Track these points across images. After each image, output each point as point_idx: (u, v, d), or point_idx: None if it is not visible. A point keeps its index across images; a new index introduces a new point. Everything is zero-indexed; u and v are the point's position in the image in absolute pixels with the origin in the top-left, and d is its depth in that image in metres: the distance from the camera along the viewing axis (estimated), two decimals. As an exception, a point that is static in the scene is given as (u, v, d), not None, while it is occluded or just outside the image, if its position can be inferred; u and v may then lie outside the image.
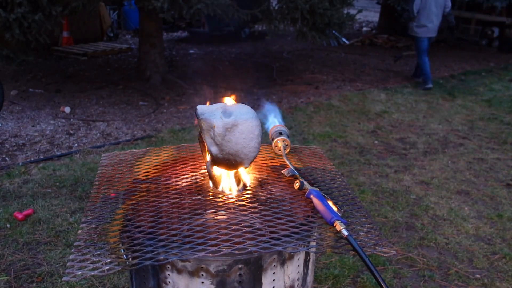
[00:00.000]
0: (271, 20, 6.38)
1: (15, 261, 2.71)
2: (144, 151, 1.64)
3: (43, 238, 2.92)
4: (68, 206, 3.30)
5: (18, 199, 3.39)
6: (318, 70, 8.08)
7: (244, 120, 1.08)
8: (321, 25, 6.26)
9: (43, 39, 5.35)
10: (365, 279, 2.62)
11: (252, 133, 1.08)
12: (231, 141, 1.07)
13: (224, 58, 8.87)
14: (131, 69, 7.40)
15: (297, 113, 5.65)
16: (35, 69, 7.33)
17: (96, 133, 4.92)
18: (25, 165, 3.99)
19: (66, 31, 8.68)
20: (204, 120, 1.09)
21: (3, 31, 5.06)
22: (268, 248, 1.05)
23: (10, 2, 4.98)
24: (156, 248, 1.05)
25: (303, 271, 1.21)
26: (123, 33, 10.90)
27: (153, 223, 1.17)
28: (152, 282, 1.13)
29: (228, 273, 1.07)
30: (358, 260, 2.75)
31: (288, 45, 10.24)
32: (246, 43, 10.39)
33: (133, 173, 1.46)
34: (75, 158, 4.17)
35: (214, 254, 1.04)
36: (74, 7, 5.48)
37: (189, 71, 7.65)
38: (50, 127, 5.04)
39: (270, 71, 7.84)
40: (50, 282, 2.54)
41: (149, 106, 5.83)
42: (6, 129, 4.93)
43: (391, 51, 9.91)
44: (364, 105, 6.14)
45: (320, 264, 2.74)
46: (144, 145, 4.51)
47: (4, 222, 3.08)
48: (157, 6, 5.22)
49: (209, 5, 5.32)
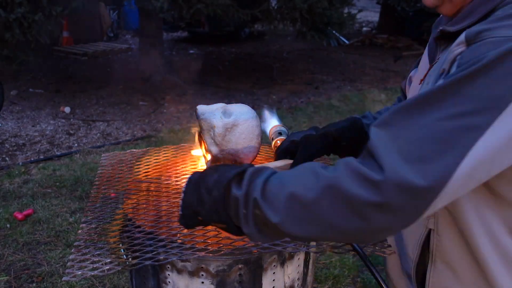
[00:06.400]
0: (271, 20, 6.38)
1: (15, 261, 2.71)
2: (144, 151, 1.64)
3: (43, 238, 2.92)
4: (68, 206, 3.30)
5: (18, 199, 3.39)
6: (318, 70, 8.08)
7: (244, 120, 1.08)
8: (320, 25, 6.26)
9: (43, 39, 5.36)
10: (365, 279, 2.62)
11: (252, 133, 1.08)
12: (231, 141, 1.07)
13: (224, 58, 8.87)
14: (131, 69, 7.40)
15: (297, 113, 5.65)
16: (35, 69, 7.33)
17: (96, 133, 4.92)
18: (25, 165, 3.99)
19: (66, 31, 8.68)
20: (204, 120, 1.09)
21: (3, 31, 5.06)
22: (268, 248, 1.05)
23: (10, 2, 4.98)
24: (156, 248, 1.05)
25: (303, 271, 1.21)
26: (123, 33, 10.89)
27: (153, 223, 1.17)
28: (152, 282, 1.13)
29: (228, 273, 1.07)
30: (358, 260, 2.75)
31: (288, 45, 10.23)
32: (246, 43, 10.38)
33: (133, 173, 1.46)
34: (75, 158, 4.17)
35: (214, 254, 1.04)
36: (74, 7, 5.48)
37: (189, 71, 7.65)
38: (50, 127, 5.04)
39: (270, 71, 7.84)
40: (50, 282, 2.54)
41: (149, 106, 5.83)
42: (6, 129, 4.93)
43: (391, 51, 9.91)
44: (364, 105, 6.14)
45: (320, 264, 2.74)
46: (144, 145, 4.51)
47: (4, 222, 3.08)
48: (157, 6, 5.22)
49: (209, 5, 5.32)
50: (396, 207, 0.70)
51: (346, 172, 0.73)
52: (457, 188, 0.71)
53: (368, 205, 0.70)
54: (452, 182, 0.69)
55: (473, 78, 0.71)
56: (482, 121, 0.69)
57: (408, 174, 0.68)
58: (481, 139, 0.69)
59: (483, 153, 0.70)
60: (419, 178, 0.68)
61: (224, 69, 7.95)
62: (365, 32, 11.85)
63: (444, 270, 0.95)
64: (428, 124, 0.71)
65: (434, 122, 0.71)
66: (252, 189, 0.80)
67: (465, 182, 0.71)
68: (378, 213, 0.70)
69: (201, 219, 0.88)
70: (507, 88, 0.70)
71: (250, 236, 0.83)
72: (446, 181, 0.69)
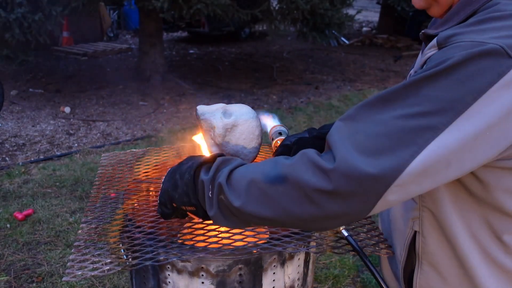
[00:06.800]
0: (272, 20, 6.38)
1: (15, 261, 2.71)
2: (144, 151, 1.64)
3: (43, 238, 2.92)
4: (68, 206, 3.30)
5: (18, 199, 3.39)
6: (318, 70, 8.08)
7: (244, 120, 1.08)
8: (321, 25, 6.27)
9: (43, 39, 5.36)
10: (365, 279, 2.62)
11: (252, 133, 1.08)
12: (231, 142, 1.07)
13: (224, 58, 8.87)
14: (131, 69, 7.40)
15: (297, 113, 5.65)
16: (35, 69, 7.33)
17: (96, 133, 4.92)
18: (25, 165, 3.99)
19: (66, 31, 8.68)
20: (204, 120, 1.09)
21: (3, 31, 5.06)
22: (268, 248, 1.05)
23: (10, 2, 4.98)
24: (156, 248, 1.05)
25: (303, 271, 1.21)
26: (123, 33, 10.89)
27: (153, 223, 1.17)
28: (152, 282, 1.13)
29: (228, 273, 1.07)
30: (358, 260, 2.75)
31: (288, 45, 10.23)
32: (246, 43, 10.39)
33: (133, 173, 1.46)
34: (75, 158, 4.17)
35: (214, 254, 1.04)
36: (74, 7, 5.49)
37: (189, 71, 7.65)
38: (50, 127, 5.04)
39: (270, 71, 7.84)
40: (50, 282, 2.54)
41: (149, 106, 5.83)
42: (6, 129, 4.93)
43: (391, 51, 9.91)
44: (364, 105, 6.13)
45: (320, 264, 2.74)
46: (144, 145, 4.51)
47: (4, 222, 3.08)
48: (157, 6, 5.22)
49: (209, 5, 5.32)
50: (345, 194, 0.72)
51: (301, 161, 0.77)
52: (409, 184, 0.72)
53: (318, 192, 0.74)
54: (403, 176, 0.71)
55: (434, 79, 0.72)
56: (438, 122, 0.71)
57: (358, 163, 0.71)
58: (436, 140, 0.71)
59: (437, 153, 0.71)
60: (369, 167, 0.70)
61: (224, 69, 7.95)
62: (365, 32, 11.86)
63: (430, 272, 0.96)
64: (386, 120, 0.73)
65: (392, 120, 0.73)
66: (218, 175, 0.86)
67: (417, 179, 0.73)
68: (329, 200, 0.74)
69: (175, 205, 0.95)
70: (467, 92, 0.70)
71: (214, 219, 0.88)
72: (397, 174, 0.71)
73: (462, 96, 0.70)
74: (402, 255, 1.02)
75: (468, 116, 0.70)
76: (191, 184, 0.91)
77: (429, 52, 0.81)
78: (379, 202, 0.73)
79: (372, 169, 0.70)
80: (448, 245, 0.91)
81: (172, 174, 0.96)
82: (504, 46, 0.70)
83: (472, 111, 0.70)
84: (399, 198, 0.75)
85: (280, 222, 0.81)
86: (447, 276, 0.94)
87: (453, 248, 0.90)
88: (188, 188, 0.91)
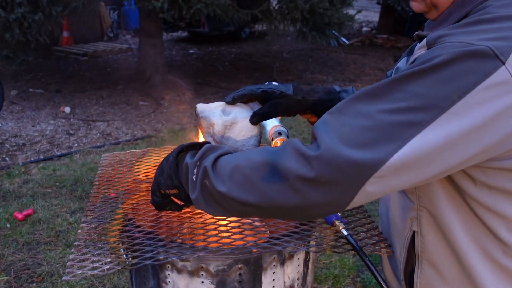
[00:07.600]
0: (271, 20, 6.38)
1: (15, 261, 2.71)
2: (144, 151, 1.64)
3: (43, 238, 2.93)
4: (68, 206, 3.30)
5: (18, 199, 3.39)
6: (318, 70, 8.08)
7: (243, 118, 1.08)
8: (321, 25, 6.27)
9: (43, 39, 5.36)
10: (365, 279, 2.62)
11: (251, 131, 1.08)
12: (230, 139, 1.07)
13: (224, 58, 8.87)
14: (131, 69, 7.40)
15: (297, 113, 5.65)
16: (35, 69, 7.33)
17: (96, 133, 4.92)
18: (25, 165, 3.99)
19: (66, 31, 8.68)
20: (203, 118, 1.09)
21: (3, 31, 5.06)
22: (268, 247, 1.05)
23: (10, 2, 4.99)
24: (156, 248, 1.05)
25: (303, 271, 1.21)
26: (123, 33, 10.89)
27: (153, 223, 1.17)
28: (152, 281, 1.13)
29: (228, 273, 1.07)
30: (358, 260, 2.75)
31: (288, 45, 10.23)
32: (246, 43, 10.39)
33: (133, 173, 1.46)
34: (75, 158, 4.17)
35: (214, 254, 1.04)
36: (74, 7, 5.49)
37: (189, 71, 7.65)
38: (50, 127, 5.04)
39: (270, 71, 7.84)
40: (50, 282, 2.54)
41: (149, 106, 5.84)
42: (6, 129, 4.93)
43: (391, 51, 9.91)
44: (364, 105, 6.13)
45: (320, 264, 2.74)
46: (144, 145, 4.51)
47: (4, 222, 3.08)
48: (157, 6, 5.22)
49: (209, 5, 5.32)
50: (326, 182, 0.73)
51: (286, 148, 0.78)
52: (389, 176, 0.73)
53: (300, 179, 0.74)
54: (384, 168, 0.72)
55: (421, 76, 0.73)
56: (422, 118, 0.72)
57: (342, 150, 0.72)
58: (419, 135, 0.72)
59: (420, 149, 0.72)
60: (353, 153, 0.72)
61: (224, 69, 7.95)
62: (365, 32, 11.85)
63: (430, 271, 0.96)
64: (372, 114, 0.74)
65: (378, 114, 0.74)
66: (204, 160, 0.87)
67: (398, 173, 0.73)
68: (310, 188, 0.74)
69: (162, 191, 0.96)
70: (453, 90, 0.71)
71: (196, 203, 0.89)
72: (378, 166, 0.72)
73: (447, 94, 0.71)
74: (402, 255, 1.02)
75: (452, 114, 0.71)
76: (174, 166, 0.93)
77: (419, 52, 0.82)
78: (359, 192, 0.74)
79: (355, 155, 0.72)
80: (447, 245, 0.91)
81: (161, 162, 0.98)
82: (493, 48, 0.71)
83: (456, 109, 0.71)
84: (379, 190, 0.75)
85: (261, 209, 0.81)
86: (447, 275, 0.94)
87: (452, 248, 0.90)
88: (171, 170, 0.93)
